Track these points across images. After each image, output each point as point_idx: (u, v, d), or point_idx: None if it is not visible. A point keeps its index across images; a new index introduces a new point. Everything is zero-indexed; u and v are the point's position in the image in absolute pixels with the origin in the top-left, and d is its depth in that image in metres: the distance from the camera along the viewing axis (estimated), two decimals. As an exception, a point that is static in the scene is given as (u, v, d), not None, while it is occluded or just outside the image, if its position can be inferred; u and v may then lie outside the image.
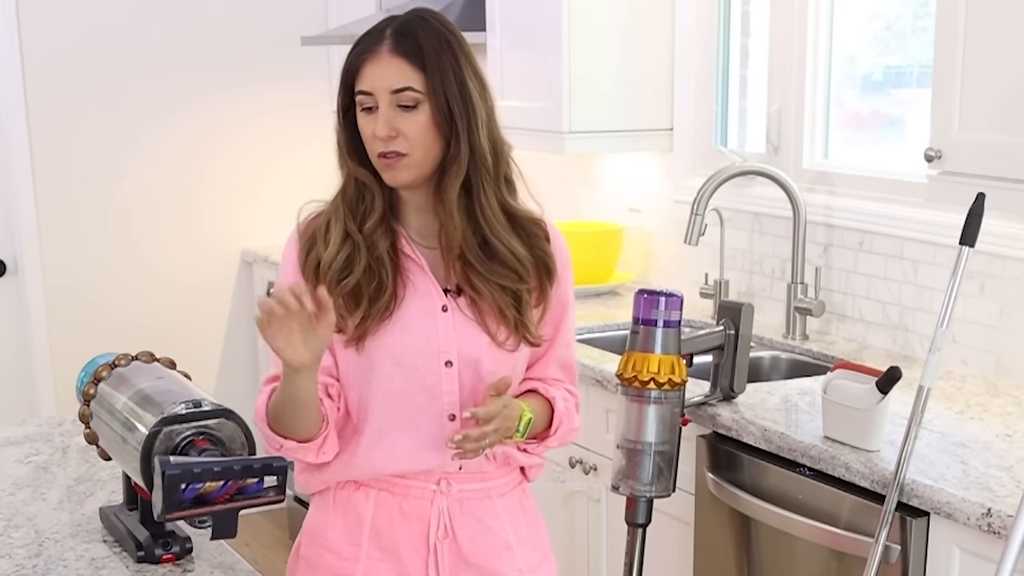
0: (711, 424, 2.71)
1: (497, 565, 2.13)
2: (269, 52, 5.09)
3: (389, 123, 1.97)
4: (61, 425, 2.71)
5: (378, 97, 1.97)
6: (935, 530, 2.22)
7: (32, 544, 2.04)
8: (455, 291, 2.06)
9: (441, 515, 2.09)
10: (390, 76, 1.97)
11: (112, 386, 2.01)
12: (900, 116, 3.46)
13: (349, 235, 2.03)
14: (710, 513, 2.74)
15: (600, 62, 3.74)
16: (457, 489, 2.10)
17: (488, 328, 2.06)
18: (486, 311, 2.05)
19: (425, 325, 2.04)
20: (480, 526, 2.12)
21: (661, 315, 2.41)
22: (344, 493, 2.11)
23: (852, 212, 3.27)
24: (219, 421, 1.84)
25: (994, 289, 2.89)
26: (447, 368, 2.05)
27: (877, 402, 2.36)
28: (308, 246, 2.06)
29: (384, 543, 2.09)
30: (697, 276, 3.72)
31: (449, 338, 2.05)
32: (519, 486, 2.21)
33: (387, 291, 2.02)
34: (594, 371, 3.09)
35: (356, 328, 2.02)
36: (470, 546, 2.11)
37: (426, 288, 2.05)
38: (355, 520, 2.10)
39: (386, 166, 2.00)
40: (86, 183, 4.87)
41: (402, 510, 2.09)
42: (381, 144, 1.98)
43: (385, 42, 1.98)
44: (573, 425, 2.20)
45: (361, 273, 2.01)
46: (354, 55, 2.01)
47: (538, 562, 2.20)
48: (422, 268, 2.06)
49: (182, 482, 1.68)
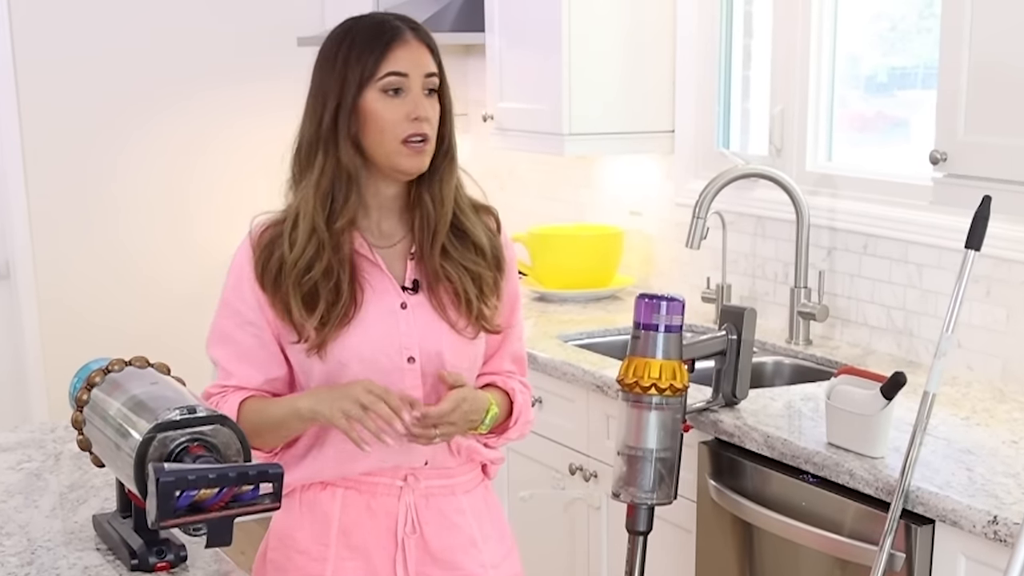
0: (713, 430, 2.70)
1: (462, 560, 2.18)
2: (264, 53, 5.06)
3: (427, 105, 2.04)
4: (54, 431, 2.69)
5: (412, 79, 2.03)
6: (940, 538, 2.21)
7: (24, 552, 2.03)
8: (411, 288, 2.11)
9: (408, 510, 2.14)
10: (423, 60, 2.05)
11: (105, 392, 1.99)
12: (905, 118, 3.45)
13: (315, 232, 2.04)
14: (712, 521, 2.73)
15: (601, 63, 3.73)
16: (424, 485, 2.14)
17: (448, 318, 2.11)
18: (446, 303, 2.11)
19: (386, 324, 2.08)
20: (446, 522, 2.17)
21: (662, 320, 2.41)
22: (310, 494, 2.15)
23: (856, 215, 3.25)
24: (214, 427, 1.83)
25: (1000, 293, 2.87)
26: (410, 364, 2.09)
27: (881, 408, 2.36)
28: (266, 254, 2.08)
29: (353, 541, 2.13)
30: (699, 280, 3.70)
31: (410, 334, 2.09)
32: (482, 483, 2.25)
33: (344, 296, 2.05)
34: (594, 376, 3.07)
35: (316, 335, 2.05)
36: (436, 541, 2.16)
37: (384, 287, 2.10)
38: (323, 520, 2.14)
39: (415, 151, 2.05)
40: (79, 188, 4.85)
41: (370, 507, 2.13)
42: (414, 126, 2.02)
43: (406, 31, 2.05)
44: (529, 417, 2.26)
45: (320, 275, 2.03)
46: (375, 42, 2.03)
47: (502, 558, 2.24)
48: (379, 268, 2.10)
49: (176, 489, 1.67)
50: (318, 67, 2.08)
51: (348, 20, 2.11)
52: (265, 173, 5.51)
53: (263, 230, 2.11)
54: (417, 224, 2.11)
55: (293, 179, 2.12)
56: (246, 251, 2.11)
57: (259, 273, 2.08)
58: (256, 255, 2.09)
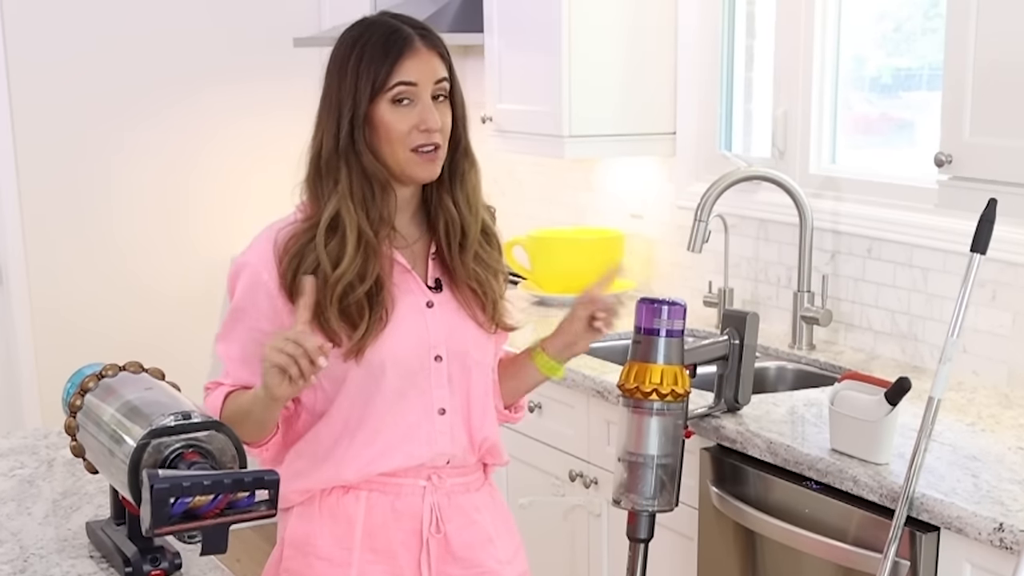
0: (715, 436, 2.69)
1: (481, 557, 2.21)
2: (261, 54, 5.06)
3: (437, 114, 2.06)
4: (47, 437, 2.68)
5: (422, 88, 2.05)
6: (945, 545, 2.20)
7: (17, 560, 2.01)
8: (435, 286, 2.15)
9: (433, 510, 2.15)
10: (433, 67, 2.07)
11: (99, 397, 1.98)
12: (910, 119, 3.44)
13: (364, 240, 2.05)
14: (714, 528, 2.72)
15: (601, 64, 3.72)
16: (448, 484, 2.17)
17: (474, 315, 2.16)
18: (469, 298, 2.15)
19: (416, 324, 2.11)
20: (466, 520, 2.19)
21: (664, 324, 2.41)
22: (331, 499, 2.15)
23: (860, 218, 3.24)
24: (209, 433, 1.82)
25: (1006, 297, 2.86)
26: (436, 363, 2.13)
27: (886, 414, 2.35)
28: (295, 263, 2.06)
29: (377, 544, 2.14)
30: (701, 284, 3.69)
31: (438, 333, 2.12)
32: (487, 480, 2.29)
33: (385, 303, 2.07)
34: (595, 382, 3.07)
35: (351, 342, 2.05)
36: (458, 539, 2.18)
37: (410, 287, 2.12)
38: (346, 524, 2.14)
39: (427, 160, 2.07)
40: (73, 191, 4.84)
41: (395, 508, 2.14)
42: (425, 136, 2.05)
43: (415, 39, 2.06)
44: None
45: (370, 287, 2.04)
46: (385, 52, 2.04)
47: (513, 553, 2.28)
48: (407, 269, 2.12)
49: (171, 496, 1.66)
50: (331, 74, 2.09)
51: (359, 25, 2.12)
52: (261, 175, 5.51)
53: (290, 238, 2.08)
54: (443, 228, 2.14)
55: (311, 188, 2.11)
56: (265, 258, 2.08)
57: (287, 283, 2.06)
58: (283, 265, 2.06)
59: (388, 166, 2.07)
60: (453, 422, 2.15)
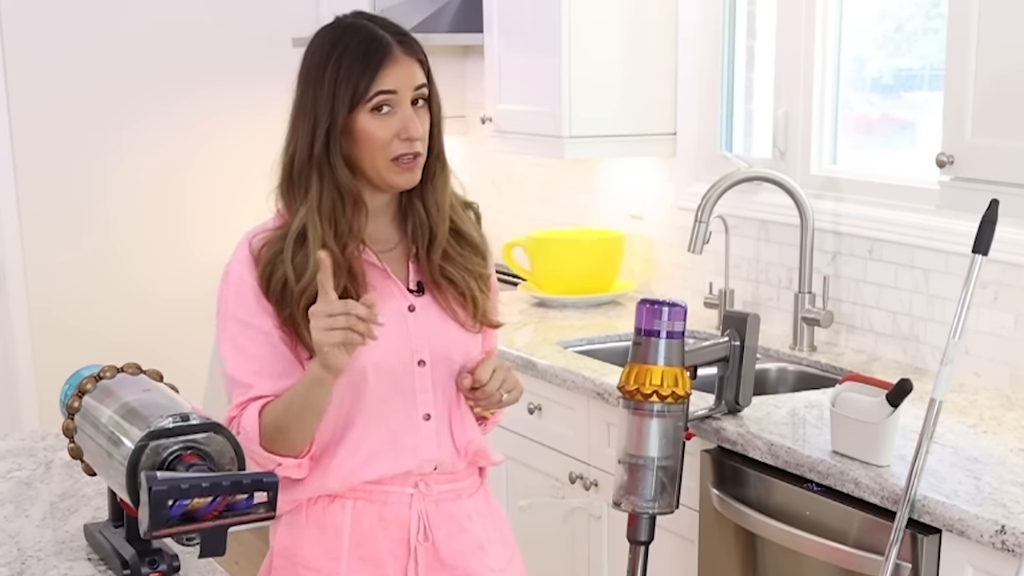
0: (716, 438, 2.68)
1: (472, 565, 2.19)
2: (259, 54, 5.04)
3: (417, 121, 2.04)
4: (44, 439, 2.68)
5: (401, 96, 2.03)
6: (947, 548, 2.20)
7: (14, 562, 2.01)
8: (417, 290, 2.13)
9: (420, 518, 2.14)
10: (412, 74, 2.05)
11: (97, 399, 1.98)
12: (911, 120, 3.44)
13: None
14: (715, 530, 2.71)
15: (601, 64, 3.71)
16: (435, 491, 2.15)
17: (457, 317, 2.14)
18: (451, 301, 2.14)
19: (397, 329, 2.09)
20: (456, 527, 2.18)
21: (664, 326, 2.41)
22: (318, 508, 2.14)
23: (861, 219, 3.24)
24: (207, 435, 1.81)
25: (1008, 299, 2.86)
26: (420, 368, 2.11)
27: (887, 416, 2.34)
28: (268, 271, 2.06)
29: (364, 552, 2.13)
30: (701, 285, 3.68)
31: (420, 336, 2.11)
32: (482, 486, 2.27)
33: None
34: (595, 384, 3.06)
35: None
36: (447, 547, 2.16)
37: (390, 292, 2.11)
38: (333, 533, 2.13)
39: (406, 168, 2.06)
40: (70, 193, 4.82)
41: (381, 517, 2.13)
42: (407, 145, 2.04)
43: (394, 47, 2.04)
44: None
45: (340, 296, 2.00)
46: (365, 61, 2.02)
47: (507, 561, 2.26)
48: (386, 273, 2.11)
49: (169, 498, 1.65)
50: (307, 81, 2.07)
51: (334, 29, 2.08)
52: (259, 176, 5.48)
53: (263, 246, 2.08)
54: (411, 230, 2.14)
55: (283, 196, 2.10)
56: (246, 263, 2.09)
57: (264, 289, 2.06)
58: (259, 271, 2.07)
59: (367, 174, 2.06)
60: (439, 427, 2.13)
